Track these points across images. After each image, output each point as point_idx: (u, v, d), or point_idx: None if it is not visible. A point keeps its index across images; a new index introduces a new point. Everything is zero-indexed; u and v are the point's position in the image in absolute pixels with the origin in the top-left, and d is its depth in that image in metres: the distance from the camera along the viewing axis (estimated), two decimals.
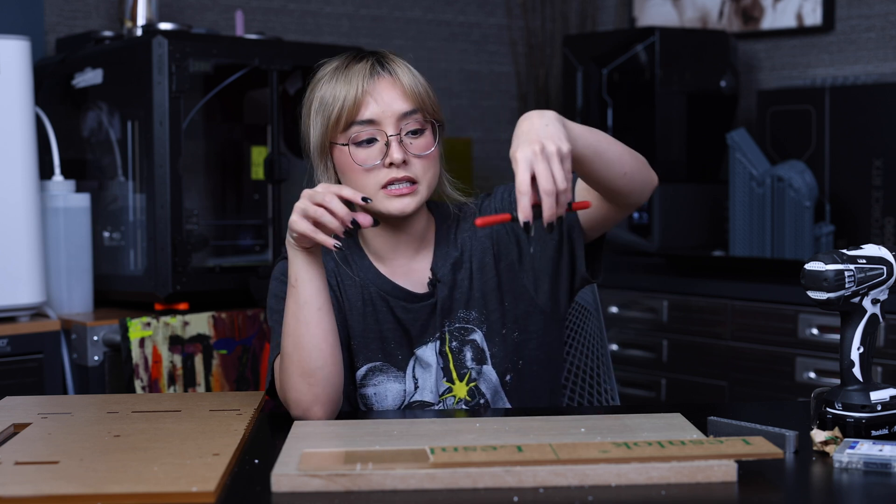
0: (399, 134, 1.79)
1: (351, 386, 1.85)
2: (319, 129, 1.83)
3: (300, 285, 1.69)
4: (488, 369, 1.86)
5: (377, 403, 1.84)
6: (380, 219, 1.79)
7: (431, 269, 1.88)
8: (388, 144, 1.78)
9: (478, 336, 1.86)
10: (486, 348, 1.86)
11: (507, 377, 1.86)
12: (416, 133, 1.81)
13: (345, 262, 1.88)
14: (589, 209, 1.81)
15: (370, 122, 1.79)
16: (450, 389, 1.85)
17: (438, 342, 1.85)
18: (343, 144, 1.80)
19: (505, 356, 1.86)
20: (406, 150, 1.79)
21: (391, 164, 1.78)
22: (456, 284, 1.87)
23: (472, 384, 1.85)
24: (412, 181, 1.79)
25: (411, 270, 1.88)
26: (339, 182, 1.84)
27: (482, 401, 1.85)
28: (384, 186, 1.78)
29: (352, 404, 1.86)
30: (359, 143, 1.79)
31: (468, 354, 1.85)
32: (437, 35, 4.00)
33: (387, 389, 1.84)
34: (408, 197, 1.79)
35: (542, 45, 4.11)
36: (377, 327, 1.85)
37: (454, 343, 1.85)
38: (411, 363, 1.85)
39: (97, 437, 1.58)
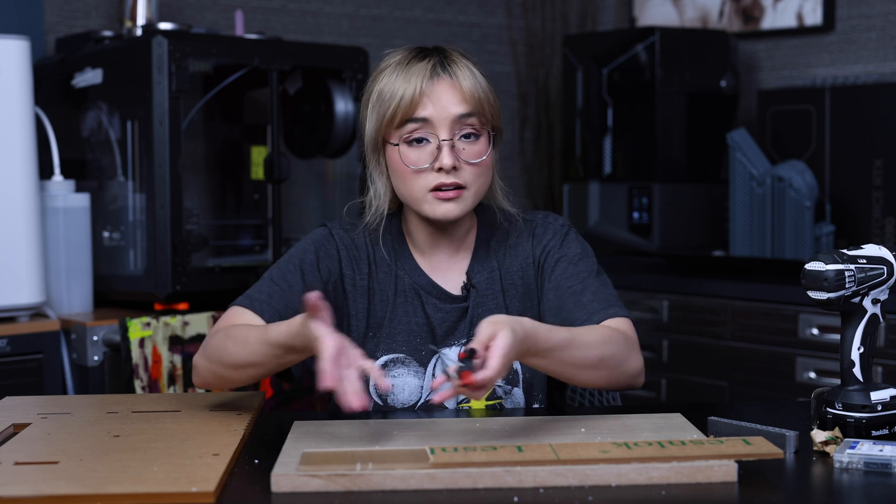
0: (452, 139, 1.76)
1: (364, 376, 1.82)
2: (374, 123, 1.80)
3: (278, 351, 1.64)
4: (518, 392, 1.84)
5: (392, 396, 1.82)
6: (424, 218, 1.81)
7: (467, 273, 1.87)
8: (439, 148, 1.76)
9: None
10: (519, 371, 1.83)
11: (535, 405, 1.84)
12: (469, 138, 1.77)
13: (386, 247, 1.87)
14: None
15: (424, 120, 1.76)
16: (468, 399, 1.83)
17: (463, 348, 1.82)
18: (395, 144, 1.78)
19: (538, 382, 1.84)
20: (458, 156, 1.76)
21: (440, 169, 1.76)
22: (492, 296, 1.85)
23: (496, 401, 1.83)
24: (460, 187, 1.77)
25: (449, 269, 1.87)
26: (389, 180, 1.82)
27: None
28: (432, 190, 1.77)
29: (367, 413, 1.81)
30: (410, 143, 1.77)
31: None
32: (437, 35, 4.00)
33: (405, 383, 1.82)
34: (453, 202, 1.77)
35: (542, 45, 4.11)
36: (406, 319, 1.84)
37: None
38: (434, 360, 1.83)
39: (97, 437, 1.58)
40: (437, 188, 1.76)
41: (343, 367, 1.51)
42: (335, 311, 1.83)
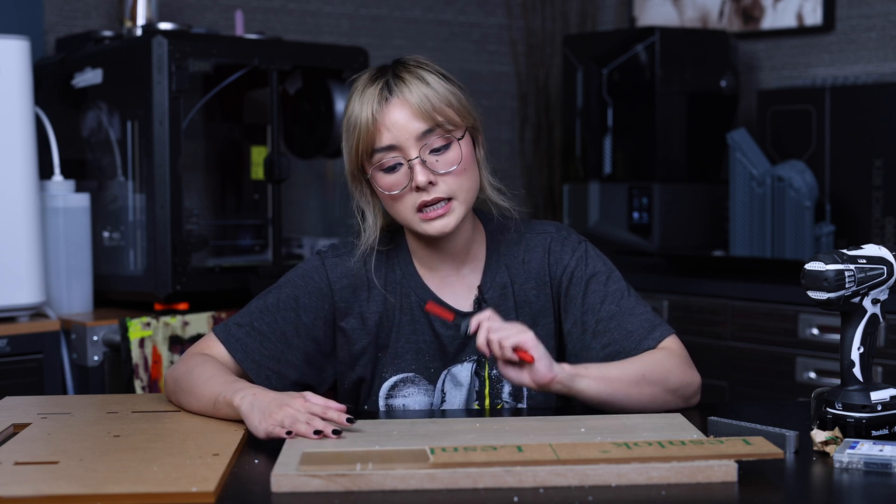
0: (420, 155, 1.70)
1: (373, 397, 1.81)
2: (347, 155, 1.77)
3: (215, 411, 1.68)
4: (523, 408, 1.82)
5: (403, 415, 1.80)
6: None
7: (479, 287, 1.83)
8: (411, 167, 1.71)
9: None
10: (525, 388, 1.81)
11: None
12: (440, 149, 1.72)
13: (390, 266, 1.83)
14: None
15: (390, 147, 1.71)
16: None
17: (475, 364, 1.81)
18: (367, 178, 1.76)
19: (543, 400, 1.82)
20: (432, 170, 1.71)
21: (418, 188, 1.71)
22: (504, 312, 1.80)
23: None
24: (444, 199, 1.72)
25: (457, 283, 1.83)
26: (376, 208, 1.80)
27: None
28: (419, 210, 1.72)
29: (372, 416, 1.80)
30: (384, 170, 1.73)
31: (506, 388, 1.81)
32: (437, 35, 4.00)
33: (415, 402, 1.80)
34: (443, 218, 1.73)
35: (542, 45, 4.11)
36: (413, 338, 1.81)
37: (494, 371, 1.81)
38: (442, 376, 1.81)
39: (97, 437, 1.58)
40: (423, 206, 1.72)
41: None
42: (324, 346, 1.82)
